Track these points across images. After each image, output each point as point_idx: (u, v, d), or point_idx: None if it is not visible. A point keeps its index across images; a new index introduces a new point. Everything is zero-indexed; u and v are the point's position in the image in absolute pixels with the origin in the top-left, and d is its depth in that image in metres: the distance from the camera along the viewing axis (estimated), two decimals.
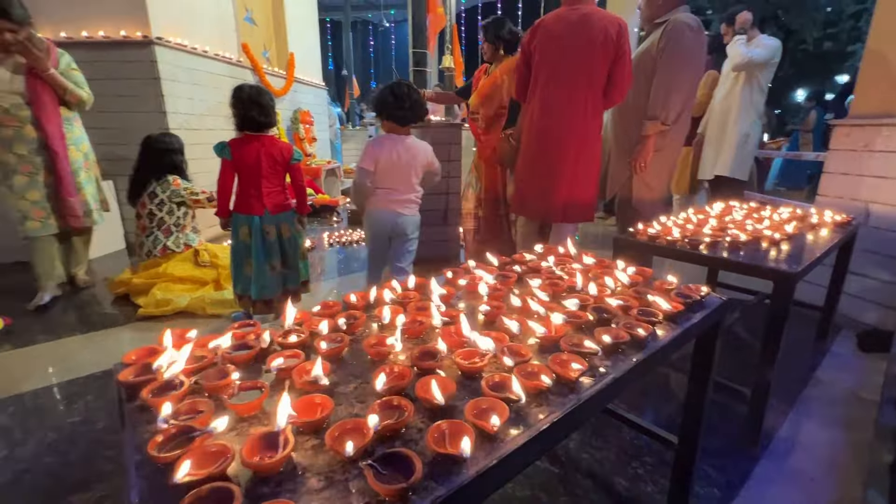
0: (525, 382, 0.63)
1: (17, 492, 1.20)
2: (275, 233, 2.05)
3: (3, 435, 1.41)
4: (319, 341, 0.74)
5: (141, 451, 0.51)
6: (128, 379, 0.63)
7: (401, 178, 1.98)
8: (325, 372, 0.65)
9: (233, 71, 4.10)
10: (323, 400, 0.59)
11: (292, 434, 0.51)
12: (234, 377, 0.62)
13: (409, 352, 0.73)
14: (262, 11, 4.90)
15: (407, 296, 0.97)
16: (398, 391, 0.62)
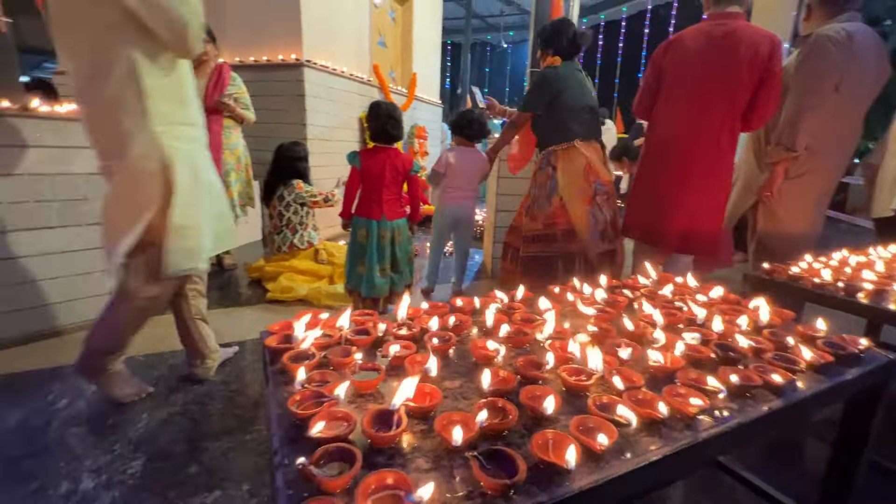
0: (636, 409, 0.60)
1: (169, 429, 1.45)
2: (389, 237, 2.21)
3: (154, 383, 1.71)
4: (430, 337, 0.79)
5: (282, 406, 0.59)
6: (272, 345, 0.73)
7: (465, 179, 2.52)
8: (437, 365, 0.69)
9: (363, 89, 4.55)
10: (432, 390, 0.62)
11: (405, 415, 0.55)
12: (356, 357, 0.69)
13: (513, 360, 0.74)
14: (393, 36, 5.39)
15: (512, 306, 0.98)
16: (502, 394, 0.63)
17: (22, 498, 1.15)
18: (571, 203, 2.15)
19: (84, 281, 2.12)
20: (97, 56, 1.27)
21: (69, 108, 2.06)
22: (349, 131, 4.43)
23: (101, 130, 1.36)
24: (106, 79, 1.27)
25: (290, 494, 0.45)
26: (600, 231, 2.16)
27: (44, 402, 1.56)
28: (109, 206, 1.41)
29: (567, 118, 2.16)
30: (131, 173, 1.34)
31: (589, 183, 2.14)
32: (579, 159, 2.13)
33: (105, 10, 1.23)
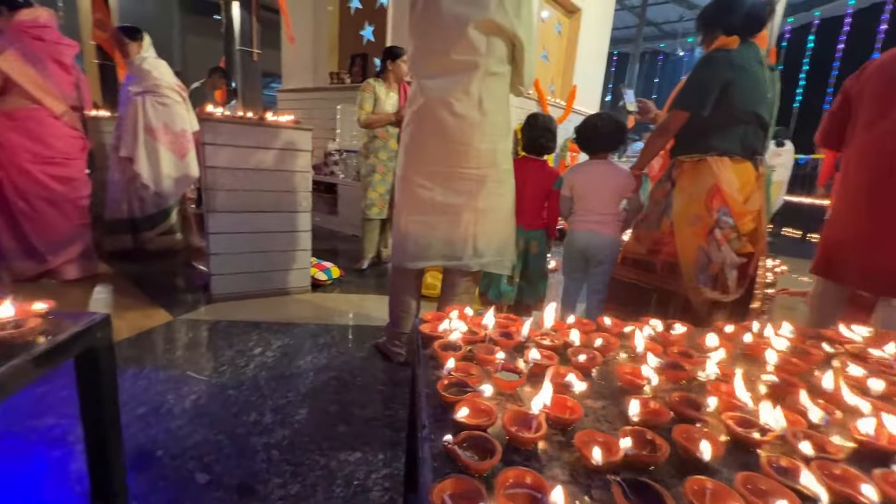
0: (830, 484, 0.49)
1: (327, 389, 1.70)
2: (522, 246, 2.22)
3: (320, 349, 2.02)
4: (574, 352, 0.77)
5: (430, 386, 0.65)
6: (426, 331, 0.81)
7: (597, 200, 2.01)
8: (578, 379, 0.67)
9: (522, 102, 4.64)
10: (574, 405, 0.61)
11: (545, 422, 0.56)
12: (499, 356, 0.72)
13: (666, 393, 0.68)
14: (556, 49, 5.37)
15: (667, 337, 0.89)
16: (651, 426, 0.58)
17: (226, 419, 1.48)
18: (681, 232, 1.73)
19: (282, 256, 2.63)
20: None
21: (287, 118, 2.58)
22: None
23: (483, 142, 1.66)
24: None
25: (435, 466, 0.50)
26: (711, 275, 1.68)
27: (246, 346, 1.98)
28: (487, 209, 1.73)
29: (718, 123, 1.66)
30: (501, 179, 1.73)
31: (709, 211, 1.66)
32: (706, 178, 1.67)
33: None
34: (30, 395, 1.48)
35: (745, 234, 1.69)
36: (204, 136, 2.32)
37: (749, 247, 1.70)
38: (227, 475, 1.24)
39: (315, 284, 2.80)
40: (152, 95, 2.87)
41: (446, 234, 1.72)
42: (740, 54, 1.61)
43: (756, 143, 1.70)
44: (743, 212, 1.66)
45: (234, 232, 2.46)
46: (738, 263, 1.68)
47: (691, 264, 1.70)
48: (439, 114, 1.61)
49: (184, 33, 10.13)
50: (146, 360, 1.81)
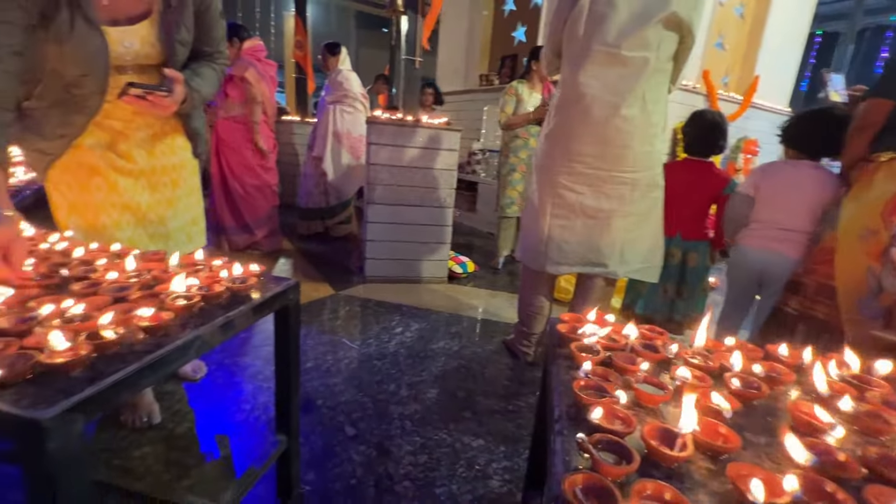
0: None
1: (456, 375, 1.80)
2: (679, 257, 2.00)
3: (452, 337, 2.14)
4: (731, 377, 0.69)
5: (565, 385, 0.66)
6: (563, 331, 0.81)
7: (785, 210, 1.63)
8: (731, 407, 0.60)
9: (685, 97, 4.15)
10: (728, 433, 0.55)
11: (691, 443, 0.52)
12: (641, 367, 0.69)
13: (859, 446, 0.56)
14: (736, 35, 4.65)
15: (866, 380, 0.73)
16: (833, 479, 0.49)
17: (370, 385, 1.69)
18: (846, 247, 1.35)
19: (424, 247, 2.85)
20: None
21: (440, 120, 2.78)
22: None
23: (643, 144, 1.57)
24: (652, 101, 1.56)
25: (567, 460, 0.51)
26: (881, 308, 1.26)
27: (389, 325, 2.22)
28: (638, 214, 1.65)
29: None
30: (653, 183, 1.65)
31: (888, 224, 1.26)
32: (889, 185, 1.28)
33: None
34: (234, 340, 1.90)
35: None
36: (370, 136, 2.65)
37: None
38: (369, 433, 1.42)
39: (451, 276, 2.97)
40: (341, 104, 3.41)
41: (593, 240, 1.65)
42: None
43: None
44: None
45: (387, 222, 2.75)
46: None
47: (853, 289, 1.33)
48: (600, 113, 1.52)
49: (357, 46, 11.64)
50: (313, 324, 2.16)
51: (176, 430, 1.34)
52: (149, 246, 1.25)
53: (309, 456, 1.29)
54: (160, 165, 1.29)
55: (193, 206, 1.41)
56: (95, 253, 0.97)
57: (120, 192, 1.21)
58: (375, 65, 8.54)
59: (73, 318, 0.67)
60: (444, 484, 1.24)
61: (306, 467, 1.25)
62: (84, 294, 0.76)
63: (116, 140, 1.20)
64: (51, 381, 0.55)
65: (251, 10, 8.75)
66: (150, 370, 0.63)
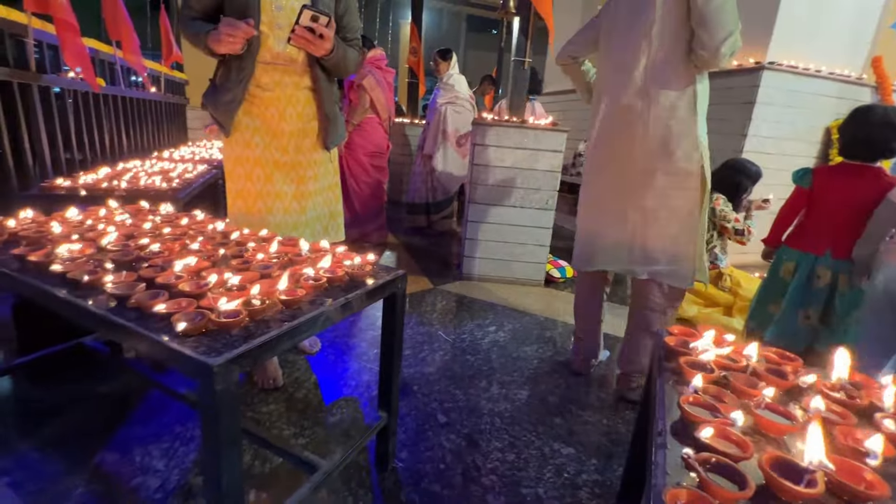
0: None
1: (543, 378, 1.77)
2: (828, 279, 1.71)
3: (546, 341, 2.09)
4: (883, 417, 0.59)
5: (671, 399, 0.62)
6: (671, 344, 0.76)
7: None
8: (883, 452, 0.52)
9: (844, 90, 3.52)
10: (874, 478, 0.48)
11: (823, 481, 0.46)
12: (765, 392, 0.62)
13: None
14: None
15: None
16: None
17: (463, 378, 1.74)
18: None
19: (522, 248, 2.84)
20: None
21: (546, 121, 2.74)
22: (805, 144, 3.59)
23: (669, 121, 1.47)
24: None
25: (668, 474, 0.49)
26: None
27: (483, 322, 2.26)
28: (659, 209, 1.52)
29: None
30: (678, 170, 1.48)
31: None
32: None
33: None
34: (344, 322, 2.10)
35: None
36: (475, 137, 2.71)
37: None
38: (459, 424, 1.47)
39: (548, 280, 2.91)
40: (452, 105, 3.60)
41: (613, 236, 1.60)
42: None
43: None
44: None
45: (487, 222, 2.80)
46: None
47: None
48: (602, 101, 1.59)
49: (465, 48, 11.92)
50: (412, 315, 2.29)
51: (295, 395, 1.54)
52: (290, 232, 1.48)
53: (403, 436, 1.38)
54: (305, 160, 1.50)
55: (332, 201, 1.64)
56: (247, 237, 1.16)
57: (273, 182, 1.46)
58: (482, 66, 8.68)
59: (233, 287, 0.82)
60: (531, 486, 1.24)
61: (401, 446, 1.34)
62: (239, 269, 0.92)
63: (275, 136, 1.44)
64: (219, 336, 0.68)
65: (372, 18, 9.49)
66: (287, 336, 0.74)
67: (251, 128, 1.43)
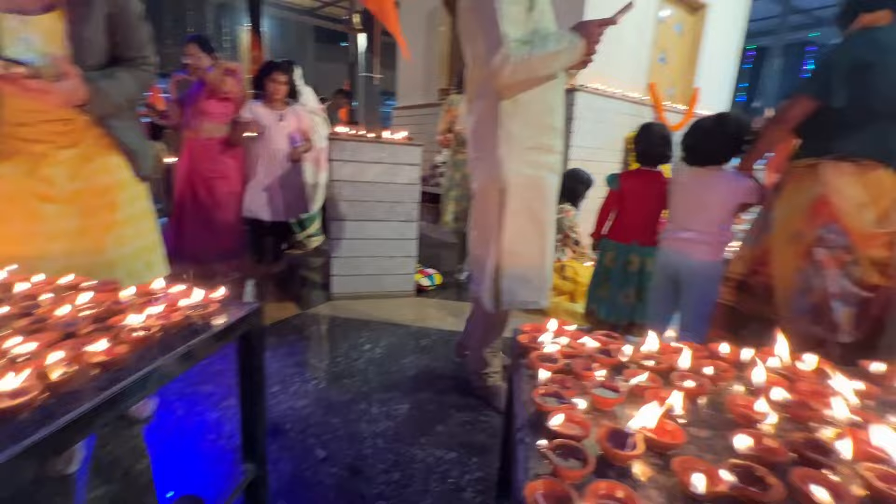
0: None
1: (428, 389, 1.81)
2: (638, 264, 2.10)
3: (422, 350, 2.14)
4: (680, 377, 0.74)
5: (527, 394, 0.69)
6: (524, 341, 0.84)
7: (693, 214, 1.75)
8: (680, 406, 0.65)
9: (634, 109, 4.39)
10: (675, 429, 0.60)
11: (642, 442, 0.56)
12: (597, 373, 0.73)
13: (787, 433, 0.62)
14: (677, 50, 4.97)
15: (796, 372, 0.80)
16: (765, 464, 0.54)
17: (340, 405, 1.67)
18: (779, 250, 1.48)
19: (391, 261, 2.85)
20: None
21: (401, 135, 2.81)
22: (612, 153, 4.37)
23: (480, 136, 1.50)
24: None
25: (528, 468, 0.53)
26: (811, 304, 1.38)
27: (357, 342, 2.20)
28: (478, 210, 1.57)
29: (847, 119, 1.36)
30: (481, 188, 1.52)
31: (811, 227, 1.39)
32: (813, 187, 1.40)
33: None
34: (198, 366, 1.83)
35: (875, 262, 1.34)
36: (331, 152, 2.64)
37: (876, 277, 1.35)
38: (341, 454, 1.40)
39: (419, 289, 2.98)
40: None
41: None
42: (888, 33, 1.32)
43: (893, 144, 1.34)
44: (868, 234, 1.33)
45: (352, 238, 2.74)
46: (856, 297, 1.35)
47: (788, 289, 1.44)
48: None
49: (316, 60, 11.57)
50: (279, 345, 2.11)
51: (135, 468, 1.28)
52: (91, 277, 1.19)
53: (278, 483, 1.26)
54: (90, 187, 1.20)
55: (145, 231, 1.33)
56: (40, 286, 0.93)
57: (43, 220, 1.13)
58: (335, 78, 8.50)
59: (17, 358, 0.64)
60: (418, 500, 1.24)
61: (276, 495, 1.22)
62: (30, 331, 0.73)
63: (38, 164, 1.13)
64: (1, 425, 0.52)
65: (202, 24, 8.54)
66: (107, 407, 0.61)
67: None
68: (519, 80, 1.33)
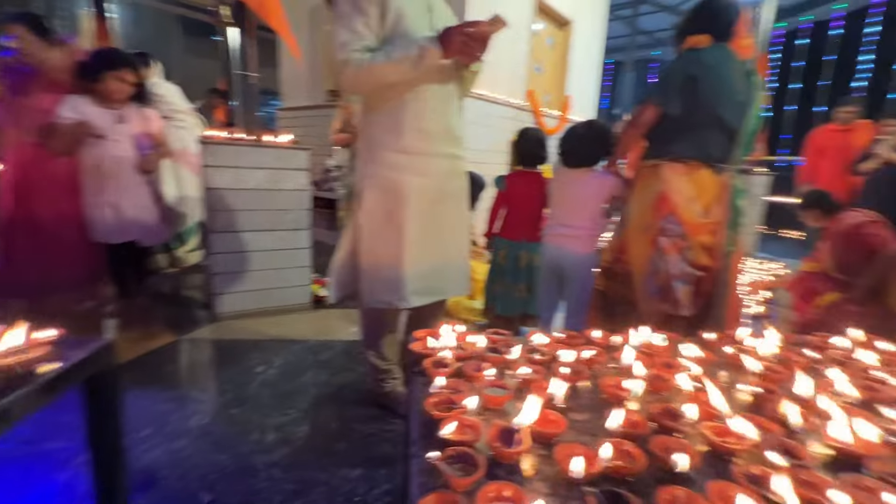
0: (800, 492, 0.51)
1: (329, 406, 1.72)
2: (526, 259, 2.25)
3: (321, 366, 2.04)
4: (560, 366, 0.79)
5: (420, 404, 0.68)
6: (416, 349, 0.84)
7: (569, 210, 1.92)
8: (562, 394, 0.70)
9: (516, 114, 4.70)
10: (557, 418, 0.64)
11: (528, 436, 0.58)
12: (486, 373, 0.75)
13: (648, 405, 0.70)
14: (549, 61, 5.45)
15: (653, 348, 0.92)
16: (631, 438, 0.61)
17: (229, 438, 1.50)
18: (634, 239, 1.71)
19: (282, 273, 2.66)
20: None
21: (286, 138, 2.64)
22: (500, 154, 4.63)
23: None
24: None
25: (421, 482, 0.52)
26: (658, 285, 1.64)
27: (248, 365, 2.01)
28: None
29: (680, 126, 1.61)
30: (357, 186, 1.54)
31: (656, 218, 1.63)
32: (656, 184, 1.64)
33: None
34: (35, 419, 1.51)
35: (704, 247, 1.62)
36: (205, 158, 2.37)
37: (705, 259, 1.62)
38: (230, 494, 1.26)
39: (317, 301, 2.82)
40: (171, 120, 2.93)
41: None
42: (710, 53, 1.59)
43: (716, 149, 1.63)
44: (698, 223, 1.60)
45: (236, 251, 2.50)
46: (692, 276, 1.62)
47: (641, 274, 1.68)
48: None
49: (186, 54, 10.34)
50: (151, 380, 1.83)
51: None
52: None
53: None
54: None
55: None
56: None
57: None
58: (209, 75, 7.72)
59: None
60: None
61: None
62: None
63: None
64: None
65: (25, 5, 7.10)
66: None
67: None
68: (362, 85, 1.40)
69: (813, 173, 4.27)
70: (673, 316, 1.63)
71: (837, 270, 2.64)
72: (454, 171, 1.60)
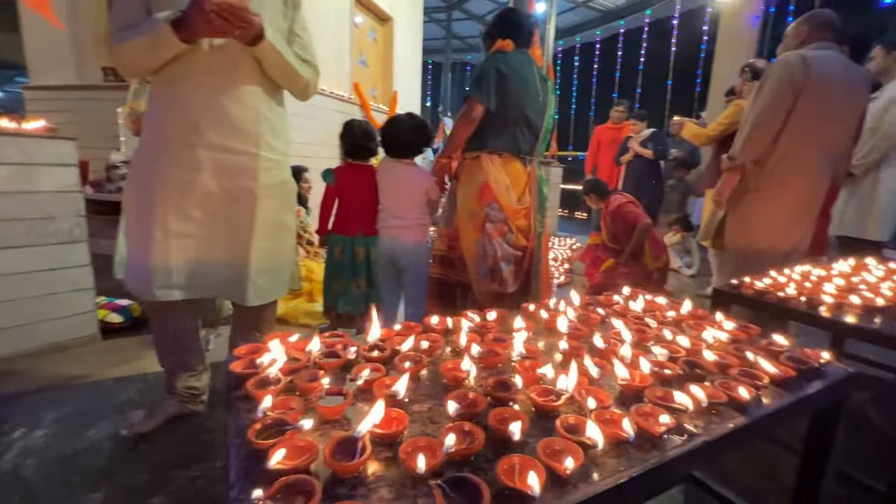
0: (603, 430, 0.60)
1: (133, 458, 1.39)
2: (364, 253, 2.20)
3: (120, 409, 1.64)
4: (401, 359, 0.78)
5: (242, 435, 0.57)
6: (237, 370, 0.71)
7: (397, 204, 1.98)
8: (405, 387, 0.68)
9: (344, 107, 4.57)
10: (399, 415, 0.61)
11: (370, 442, 0.54)
12: (323, 382, 0.68)
13: (484, 381, 0.74)
14: (374, 55, 5.45)
15: (485, 325, 0.98)
16: (470, 417, 0.62)
17: None
18: (463, 227, 1.84)
19: (51, 301, 2.04)
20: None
21: (36, 125, 2.01)
22: (330, 148, 4.43)
23: None
24: None
25: None
26: (488, 268, 1.80)
27: (2, 429, 1.48)
28: None
29: (494, 123, 1.78)
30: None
31: (481, 206, 1.79)
32: (479, 175, 1.80)
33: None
34: None
35: (520, 229, 1.82)
36: None
37: (523, 240, 1.83)
38: None
39: (107, 329, 2.26)
40: None
41: None
42: (514, 57, 1.79)
43: (524, 143, 1.84)
44: (515, 208, 1.80)
45: None
46: (514, 256, 1.81)
47: (472, 258, 1.82)
48: None
49: None
50: None
51: None
52: None
53: None
54: None
55: None
56: None
57: None
58: None
59: None
60: None
61: None
62: None
63: None
64: None
65: None
66: None
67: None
68: (122, 67, 1.33)
69: (594, 164, 5.29)
70: (502, 294, 1.80)
71: (611, 241, 3.36)
72: (240, 169, 1.39)
